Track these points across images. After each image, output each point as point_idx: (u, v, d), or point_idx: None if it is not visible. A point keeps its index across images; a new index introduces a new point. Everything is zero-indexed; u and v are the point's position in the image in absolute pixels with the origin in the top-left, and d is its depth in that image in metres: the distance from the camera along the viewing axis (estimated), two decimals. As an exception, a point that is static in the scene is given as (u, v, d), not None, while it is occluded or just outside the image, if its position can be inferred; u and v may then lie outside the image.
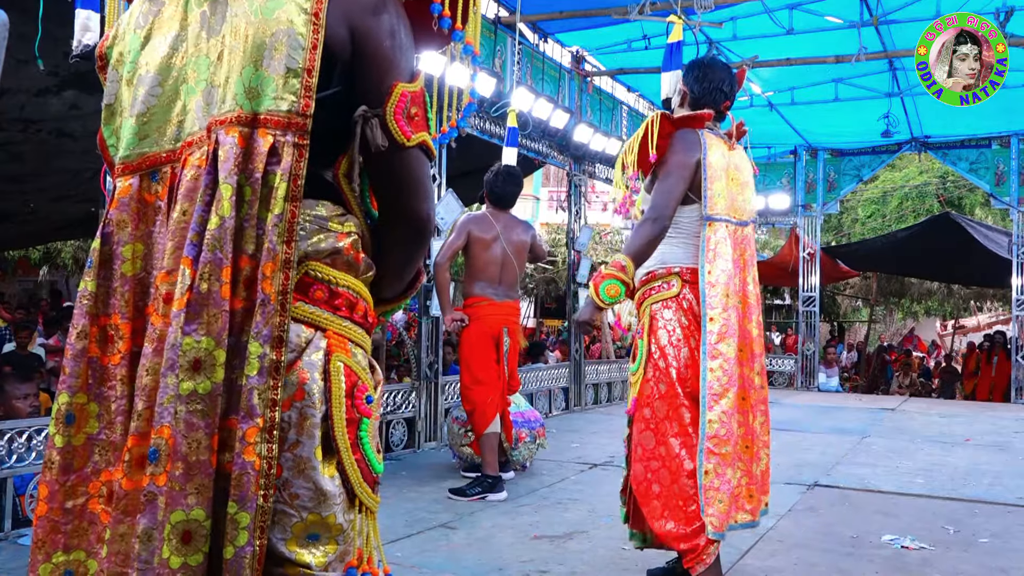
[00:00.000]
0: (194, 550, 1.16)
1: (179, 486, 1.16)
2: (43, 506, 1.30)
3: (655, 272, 3.05)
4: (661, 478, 2.93)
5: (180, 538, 1.15)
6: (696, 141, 3.01)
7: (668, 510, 2.90)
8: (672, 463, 2.91)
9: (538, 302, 19.48)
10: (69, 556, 1.29)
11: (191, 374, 1.18)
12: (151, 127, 1.35)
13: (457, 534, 3.94)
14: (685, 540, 2.87)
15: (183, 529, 1.16)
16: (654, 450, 2.95)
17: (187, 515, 1.16)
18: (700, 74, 3.13)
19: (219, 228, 1.21)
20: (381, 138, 1.30)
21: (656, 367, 2.97)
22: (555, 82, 8.55)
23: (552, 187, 24.57)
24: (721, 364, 2.92)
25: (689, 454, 2.90)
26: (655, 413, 2.95)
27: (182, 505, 1.16)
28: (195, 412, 1.17)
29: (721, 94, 3.11)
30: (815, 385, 12.21)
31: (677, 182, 2.95)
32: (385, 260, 1.41)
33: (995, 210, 14.39)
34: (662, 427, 2.93)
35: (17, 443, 3.75)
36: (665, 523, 2.90)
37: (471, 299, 4.99)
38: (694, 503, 2.88)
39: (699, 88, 3.11)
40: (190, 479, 1.16)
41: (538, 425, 5.45)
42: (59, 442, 1.31)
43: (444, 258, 4.94)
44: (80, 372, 1.32)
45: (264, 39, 1.26)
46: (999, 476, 5.59)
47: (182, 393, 1.17)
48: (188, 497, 1.16)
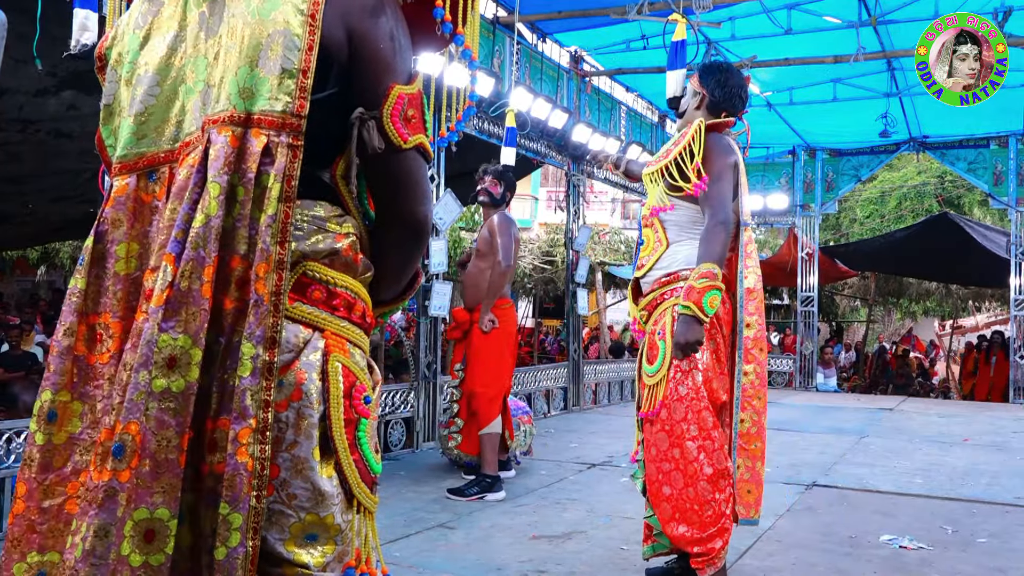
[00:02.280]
0: (156, 549, 1.14)
1: (145, 483, 1.14)
2: (20, 504, 1.28)
3: (678, 273, 3.04)
4: (673, 480, 2.92)
5: (143, 536, 1.14)
6: (730, 145, 3.05)
7: (680, 512, 2.90)
8: (688, 467, 2.89)
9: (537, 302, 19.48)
10: (44, 557, 1.27)
11: (165, 371, 1.17)
12: (149, 127, 1.35)
13: (456, 534, 3.94)
14: (699, 544, 2.87)
15: (146, 527, 1.14)
16: (668, 452, 2.94)
17: (151, 513, 1.14)
18: (721, 79, 3.14)
19: (204, 226, 1.20)
20: (378, 140, 1.30)
21: (679, 369, 2.95)
22: (553, 82, 8.55)
23: (551, 187, 24.59)
24: (755, 368, 2.99)
25: (708, 459, 2.89)
26: (671, 415, 2.93)
27: (147, 503, 1.14)
28: (167, 410, 1.16)
29: (740, 100, 3.14)
30: (813, 385, 12.22)
31: (727, 184, 2.98)
32: (383, 261, 1.41)
33: (993, 210, 14.39)
34: (677, 429, 2.92)
35: (16, 443, 3.75)
36: (677, 526, 2.90)
37: (499, 300, 4.98)
38: (711, 508, 2.87)
39: (720, 92, 3.12)
40: (157, 477, 1.15)
41: (522, 412, 5.55)
42: (39, 440, 1.29)
43: (513, 260, 4.91)
44: (65, 370, 1.30)
45: (260, 40, 1.26)
46: (997, 476, 5.59)
47: (155, 390, 1.16)
48: (154, 495, 1.14)
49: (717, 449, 2.90)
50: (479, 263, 5.00)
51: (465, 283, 5.14)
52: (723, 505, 2.90)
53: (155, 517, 1.14)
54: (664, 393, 2.96)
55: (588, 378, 9.35)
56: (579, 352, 9.13)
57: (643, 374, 3.07)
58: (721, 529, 2.88)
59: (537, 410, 7.95)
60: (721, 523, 2.88)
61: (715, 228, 2.90)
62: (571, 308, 9.12)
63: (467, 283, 5.11)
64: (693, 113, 3.17)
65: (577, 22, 7.94)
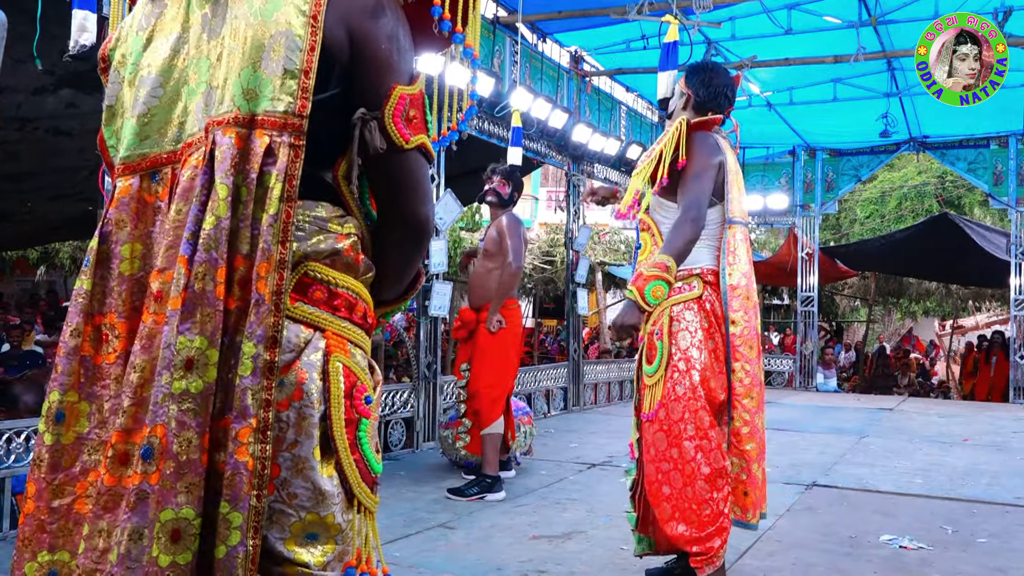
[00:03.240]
0: (183, 549, 1.15)
1: (169, 485, 1.15)
2: (30, 504, 1.30)
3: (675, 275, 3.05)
4: (672, 480, 2.92)
5: (169, 537, 1.15)
6: (715, 144, 3.05)
7: (679, 512, 2.91)
8: (686, 467, 2.90)
9: (537, 302, 19.48)
10: (54, 556, 1.28)
11: (184, 373, 1.18)
12: (152, 128, 1.35)
13: (456, 534, 3.94)
14: (697, 543, 2.87)
15: (172, 528, 1.15)
16: (666, 452, 2.94)
17: (176, 514, 1.15)
18: (705, 78, 3.15)
19: (215, 228, 1.20)
20: (379, 141, 1.30)
21: (676, 369, 2.96)
22: (554, 82, 8.55)
23: (551, 187, 24.59)
24: (743, 366, 2.99)
25: (705, 458, 2.89)
26: (669, 415, 2.94)
27: (172, 504, 1.15)
28: (187, 411, 1.17)
29: (725, 99, 3.15)
30: (813, 385, 12.22)
31: (707, 183, 2.99)
32: (384, 262, 1.41)
33: (993, 210, 14.40)
34: (675, 429, 2.92)
35: (16, 443, 3.75)
36: (677, 525, 2.91)
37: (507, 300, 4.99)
38: (708, 507, 2.87)
39: (704, 92, 3.13)
40: (180, 478, 1.16)
41: (522, 413, 5.56)
42: (48, 440, 1.30)
43: (523, 260, 4.91)
44: (72, 370, 1.31)
45: (263, 41, 1.26)
46: (997, 476, 5.59)
47: (174, 392, 1.17)
48: (178, 496, 1.15)
49: (714, 448, 2.91)
50: (486, 263, 4.99)
51: (471, 283, 5.13)
52: (721, 504, 2.90)
53: (180, 517, 1.16)
54: (662, 393, 2.96)
55: (588, 378, 9.35)
56: (579, 352, 9.14)
57: (643, 375, 3.08)
58: (720, 528, 2.89)
59: (537, 410, 7.95)
60: (720, 522, 2.89)
61: (682, 224, 2.91)
62: (571, 308, 9.12)
63: (473, 283, 5.10)
64: (680, 113, 3.18)
65: (577, 22, 7.95)
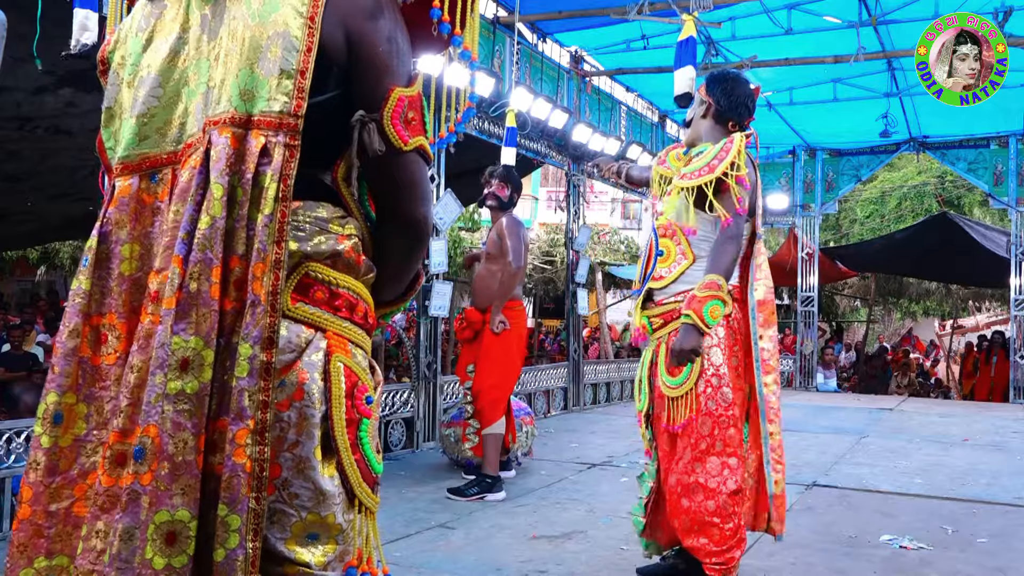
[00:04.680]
0: (178, 551, 1.14)
1: (164, 486, 1.15)
2: (26, 509, 1.27)
3: None
4: (693, 494, 2.92)
5: (164, 539, 1.14)
6: (751, 161, 3.05)
7: (699, 525, 2.91)
8: (710, 481, 2.90)
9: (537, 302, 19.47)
10: (51, 561, 1.26)
11: (179, 373, 1.17)
12: (151, 128, 1.35)
13: (456, 534, 3.94)
14: (718, 556, 2.89)
15: (167, 530, 1.14)
16: (691, 465, 2.94)
17: (172, 516, 1.14)
18: (728, 87, 3.14)
19: (210, 228, 1.20)
20: (378, 142, 1.30)
21: (709, 384, 2.94)
22: (554, 82, 8.54)
23: (551, 187, 24.59)
24: (775, 378, 3.02)
25: (732, 475, 2.90)
26: (699, 429, 2.94)
27: (167, 505, 1.14)
28: (182, 412, 1.16)
29: (746, 109, 3.15)
30: (813, 385, 12.22)
31: (747, 200, 2.98)
32: (384, 262, 1.42)
33: (993, 210, 14.38)
34: (703, 444, 2.92)
35: (16, 443, 3.75)
36: (698, 538, 2.92)
37: (511, 302, 4.98)
38: (731, 522, 2.88)
39: (726, 102, 3.13)
40: (176, 479, 1.15)
41: (524, 413, 5.57)
42: (45, 442, 1.28)
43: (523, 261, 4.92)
44: (70, 371, 1.30)
45: (260, 42, 1.26)
46: (997, 476, 5.59)
47: (169, 392, 1.16)
48: (174, 497, 1.15)
49: (741, 466, 2.94)
50: (489, 265, 5.00)
51: (475, 285, 5.15)
52: (741, 518, 2.93)
53: (176, 519, 1.15)
54: (692, 407, 2.95)
55: (588, 378, 9.35)
56: (579, 352, 9.14)
57: (662, 384, 3.04)
58: (739, 540, 2.92)
59: (537, 410, 7.95)
60: (740, 535, 2.92)
61: (726, 242, 2.93)
62: (571, 308, 9.12)
63: (477, 285, 5.11)
64: (700, 122, 3.18)
65: (577, 22, 7.94)
